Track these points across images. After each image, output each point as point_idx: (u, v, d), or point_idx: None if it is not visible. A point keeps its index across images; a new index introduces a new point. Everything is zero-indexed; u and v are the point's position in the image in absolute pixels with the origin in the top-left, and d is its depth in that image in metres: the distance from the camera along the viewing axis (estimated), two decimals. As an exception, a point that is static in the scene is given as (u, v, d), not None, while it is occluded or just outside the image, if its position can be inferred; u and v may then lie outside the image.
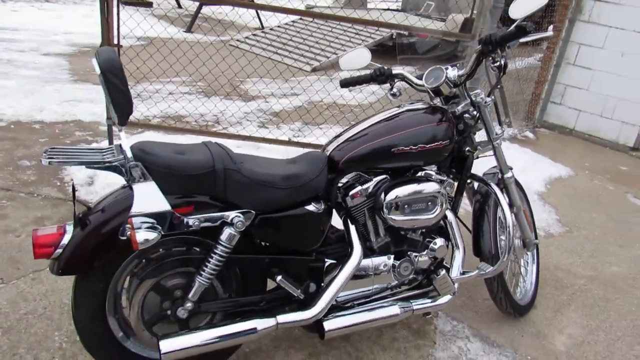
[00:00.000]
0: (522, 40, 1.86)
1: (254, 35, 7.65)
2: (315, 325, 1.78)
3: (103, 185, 2.91)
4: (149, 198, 1.50)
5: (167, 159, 1.53)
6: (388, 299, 1.95)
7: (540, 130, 5.43)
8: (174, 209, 1.51)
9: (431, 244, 1.98)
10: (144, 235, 1.46)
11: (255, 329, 1.65)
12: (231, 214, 1.61)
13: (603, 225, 3.50)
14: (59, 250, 1.49)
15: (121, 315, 1.68)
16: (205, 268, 1.61)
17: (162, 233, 1.49)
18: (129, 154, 1.47)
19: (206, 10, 9.04)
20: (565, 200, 3.84)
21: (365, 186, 1.84)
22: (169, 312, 1.66)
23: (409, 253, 1.95)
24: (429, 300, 1.97)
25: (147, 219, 1.49)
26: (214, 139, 1.82)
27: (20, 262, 2.30)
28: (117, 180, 1.52)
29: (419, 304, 1.94)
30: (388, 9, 9.75)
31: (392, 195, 1.80)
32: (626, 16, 4.73)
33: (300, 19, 8.27)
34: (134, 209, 1.48)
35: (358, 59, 2.15)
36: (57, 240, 1.49)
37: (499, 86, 2.07)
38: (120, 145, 1.53)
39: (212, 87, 4.84)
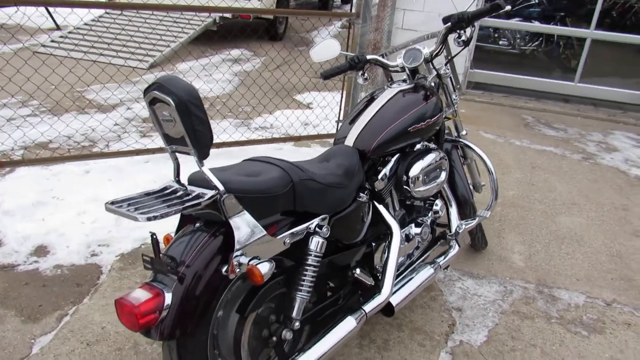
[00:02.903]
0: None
1: (62, 37, 6.74)
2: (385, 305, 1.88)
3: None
4: (247, 229, 1.41)
5: (251, 183, 1.44)
6: (419, 265, 2.13)
7: (386, 91, 6.05)
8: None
9: (434, 207, 2.22)
10: (264, 267, 1.37)
11: (354, 325, 1.68)
12: (313, 223, 1.59)
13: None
14: (163, 314, 1.31)
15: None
16: (302, 282, 1.57)
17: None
18: (221, 187, 1.35)
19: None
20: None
21: (388, 167, 1.97)
22: (273, 338, 1.58)
23: (420, 220, 2.16)
24: (446, 255, 2.22)
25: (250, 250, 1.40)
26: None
27: None
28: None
29: (442, 261, 2.17)
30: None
31: (416, 170, 1.97)
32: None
33: (107, 12, 7.52)
34: (239, 244, 1.37)
35: (328, 51, 2.21)
36: (160, 303, 1.31)
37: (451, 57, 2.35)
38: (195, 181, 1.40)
39: (61, 104, 4.22)
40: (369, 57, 2.21)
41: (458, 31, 2.16)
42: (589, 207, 3.48)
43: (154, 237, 1.36)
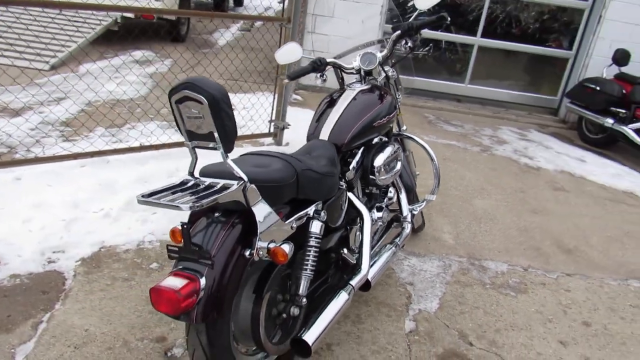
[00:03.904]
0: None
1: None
2: (364, 281, 2.11)
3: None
4: (264, 215, 1.55)
5: (267, 174, 1.59)
6: (382, 245, 2.39)
7: (300, 92, 6.29)
8: None
9: (388, 193, 2.50)
10: (287, 248, 1.53)
11: (347, 298, 1.88)
12: (311, 208, 1.77)
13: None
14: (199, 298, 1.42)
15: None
16: (306, 262, 1.74)
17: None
18: (245, 177, 1.48)
19: None
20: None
21: (356, 159, 2.20)
22: (283, 315, 1.73)
23: (378, 205, 2.42)
24: (401, 236, 2.50)
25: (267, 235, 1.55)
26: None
27: None
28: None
29: (399, 241, 2.45)
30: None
31: (380, 161, 2.22)
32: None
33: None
34: (261, 228, 1.52)
35: (291, 54, 2.40)
36: (197, 288, 1.41)
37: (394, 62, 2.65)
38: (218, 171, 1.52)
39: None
40: (329, 60, 2.43)
41: (405, 38, 2.46)
42: (495, 191, 4.02)
43: (185, 227, 1.45)
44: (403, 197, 2.59)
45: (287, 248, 1.53)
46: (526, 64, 6.89)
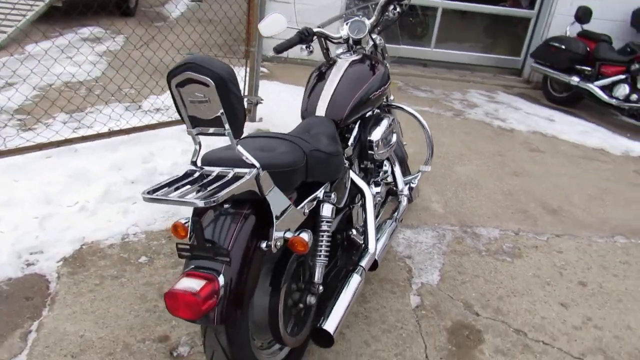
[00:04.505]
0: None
1: None
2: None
3: None
4: (278, 203, 1.45)
5: (277, 158, 1.47)
6: (382, 221, 2.33)
7: (265, 64, 6.07)
8: None
9: (383, 167, 2.42)
10: (306, 236, 1.43)
11: (360, 280, 1.81)
12: (320, 191, 1.67)
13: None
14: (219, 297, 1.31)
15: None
16: (320, 248, 1.65)
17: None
18: (257, 164, 1.36)
19: None
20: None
21: (353, 134, 2.10)
22: (300, 305, 1.65)
23: (375, 181, 2.34)
24: (399, 210, 2.44)
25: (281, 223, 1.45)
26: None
27: None
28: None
29: (398, 215, 2.40)
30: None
31: (377, 135, 2.14)
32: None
33: None
34: (276, 219, 1.41)
35: (275, 25, 2.24)
36: (216, 288, 1.30)
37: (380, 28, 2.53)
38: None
39: None
40: (315, 30, 2.28)
41: (394, 4, 2.34)
42: (474, 156, 4.02)
43: (197, 222, 1.33)
44: (397, 169, 2.52)
45: (306, 237, 1.43)
46: (490, 26, 6.89)
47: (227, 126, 1.30)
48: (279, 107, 4.39)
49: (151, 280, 2.21)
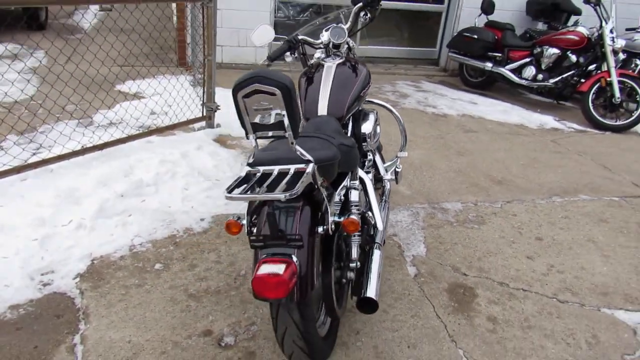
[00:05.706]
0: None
1: None
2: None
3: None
4: (328, 192, 1.68)
5: (323, 154, 1.68)
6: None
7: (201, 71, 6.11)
8: None
9: (368, 156, 2.70)
10: (356, 217, 1.66)
11: (380, 253, 2.07)
12: (347, 180, 1.91)
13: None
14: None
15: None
16: (355, 229, 1.89)
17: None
18: (312, 159, 1.57)
19: None
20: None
21: (349, 128, 2.36)
22: (343, 281, 1.87)
23: (365, 170, 2.62)
24: (385, 194, 2.73)
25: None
26: None
27: None
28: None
29: (386, 198, 2.68)
30: None
31: (369, 127, 2.40)
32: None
33: None
34: (330, 204, 1.63)
35: (265, 35, 2.44)
36: (295, 270, 1.50)
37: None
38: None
39: None
40: (299, 37, 2.50)
41: (366, 10, 2.61)
42: (420, 141, 4.43)
43: (272, 217, 1.51)
44: (378, 158, 2.81)
45: (356, 218, 1.66)
46: (406, 21, 7.41)
47: (289, 129, 1.50)
48: (230, 112, 4.51)
49: (174, 283, 2.32)
